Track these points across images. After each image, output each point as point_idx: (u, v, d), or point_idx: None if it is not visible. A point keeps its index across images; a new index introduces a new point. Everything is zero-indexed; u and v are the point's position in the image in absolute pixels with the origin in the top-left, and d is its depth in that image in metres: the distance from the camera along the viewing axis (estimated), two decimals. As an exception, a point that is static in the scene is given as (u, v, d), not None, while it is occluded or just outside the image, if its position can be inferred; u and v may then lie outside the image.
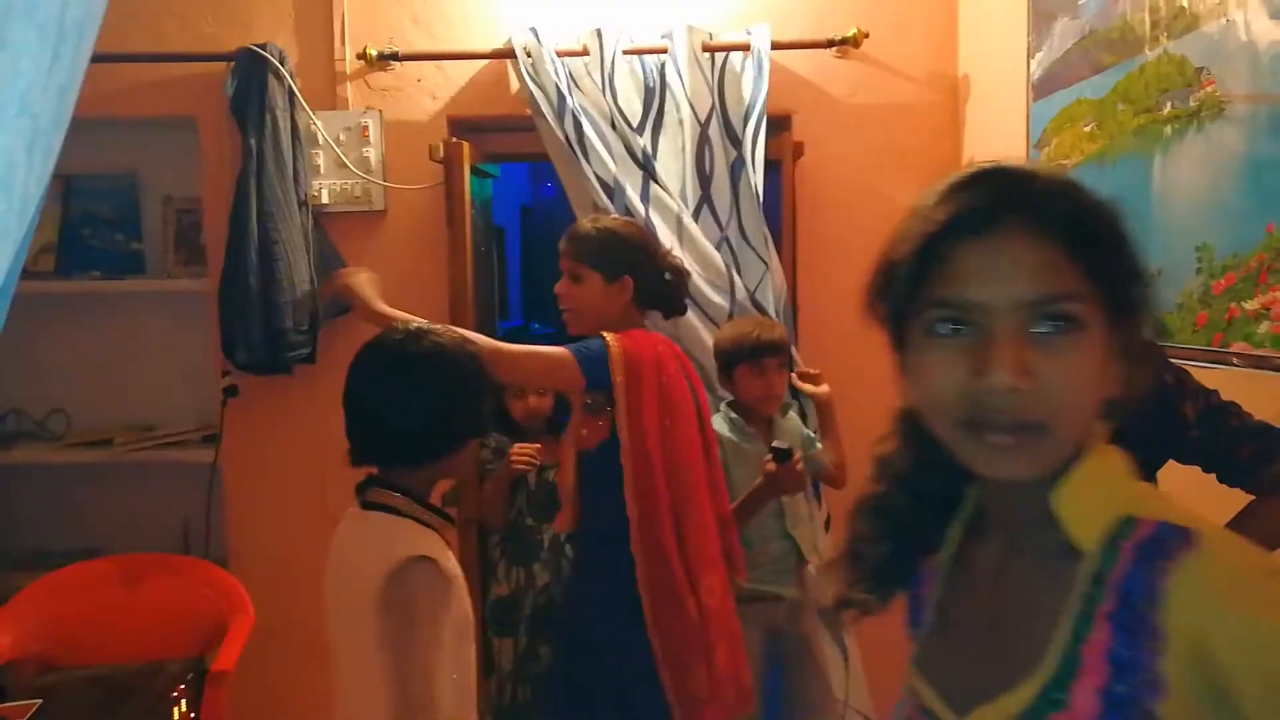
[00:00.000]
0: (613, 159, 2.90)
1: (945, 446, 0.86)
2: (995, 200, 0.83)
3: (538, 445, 2.81)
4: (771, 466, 2.45)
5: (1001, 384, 0.79)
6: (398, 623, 1.57)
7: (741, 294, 2.90)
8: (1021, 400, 0.79)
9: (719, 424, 2.65)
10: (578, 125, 2.89)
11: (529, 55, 2.94)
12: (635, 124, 2.97)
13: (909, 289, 0.88)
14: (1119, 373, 0.83)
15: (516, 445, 2.81)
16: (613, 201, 2.88)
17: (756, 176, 2.93)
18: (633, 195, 2.89)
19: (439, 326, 1.81)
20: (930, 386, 0.86)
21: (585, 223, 2.39)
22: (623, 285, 2.32)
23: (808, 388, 2.75)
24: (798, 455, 2.48)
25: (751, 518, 2.53)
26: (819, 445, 2.77)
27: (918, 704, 0.94)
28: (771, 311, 2.91)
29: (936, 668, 0.94)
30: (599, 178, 2.89)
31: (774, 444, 2.49)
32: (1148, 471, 1.65)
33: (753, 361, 2.60)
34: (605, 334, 2.25)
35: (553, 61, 2.92)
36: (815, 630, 2.68)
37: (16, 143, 0.48)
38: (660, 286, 2.40)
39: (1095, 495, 0.84)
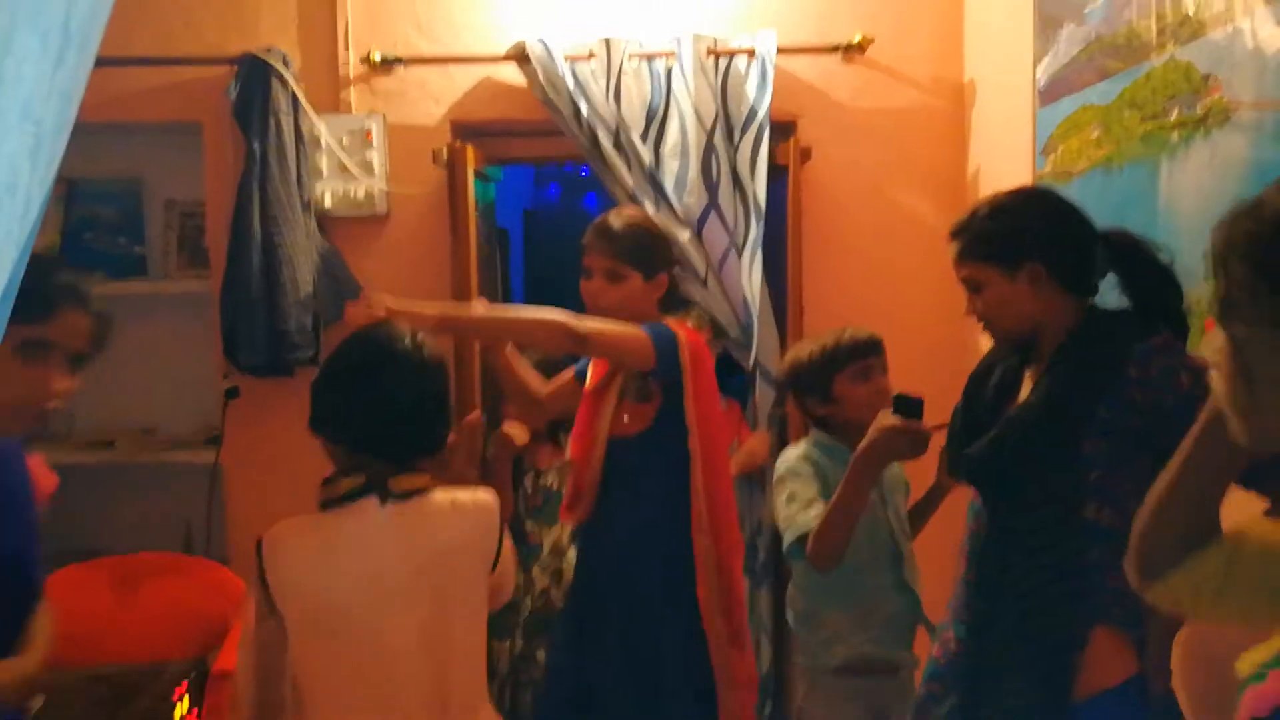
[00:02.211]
0: (628, 170, 2.92)
1: None
2: None
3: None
4: (891, 419, 1.92)
5: None
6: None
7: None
8: None
9: (807, 459, 2.22)
10: (593, 133, 2.90)
11: (538, 62, 2.94)
12: (640, 132, 2.98)
13: None
14: None
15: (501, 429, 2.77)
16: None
17: (755, 184, 2.93)
18: (649, 208, 2.91)
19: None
20: None
21: (613, 218, 2.32)
22: (658, 283, 2.31)
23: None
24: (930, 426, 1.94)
25: (859, 504, 2.00)
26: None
27: None
28: (744, 316, 2.96)
29: None
30: (620, 185, 2.91)
31: (899, 393, 1.97)
32: None
33: (857, 364, 2.21)
34: (668, 322, 2.26)
35: (564, 69, 2.93)
36: None
37: (20, 147, 0.48)
38: (674, 281, 2.42)
39: None
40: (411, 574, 1.67)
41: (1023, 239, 1.68)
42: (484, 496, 1.78)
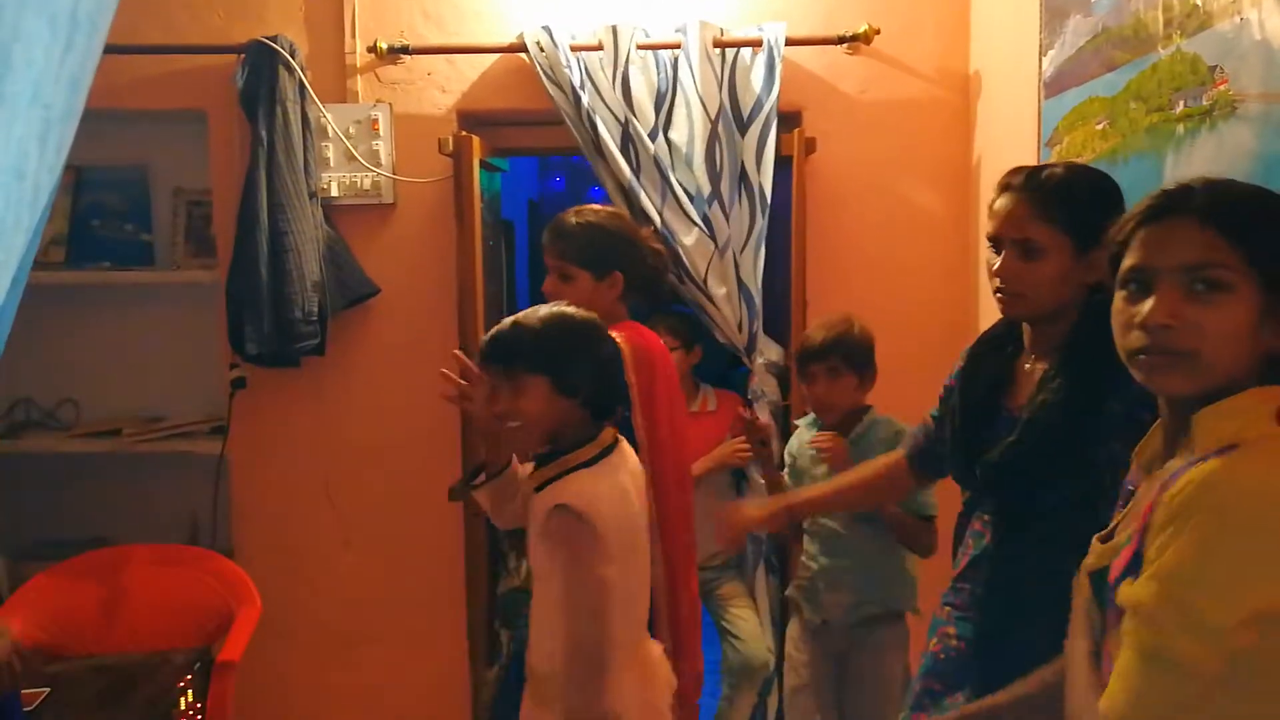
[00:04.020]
0: (628, 162, 2.91)
1: None
2: (1169, 199, 1.17)
3: None
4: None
5: (1154, 320, 1.12)
6: None
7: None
8: (1171, 334, 1.11)
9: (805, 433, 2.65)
10: (594, 126, 2.90)
11: (543, 51, 2.94)
12: (648, 125, 2.97)
13: (1114, 261, 1.22)
14: (1272, 330, 1.10)
15: None
16: (629, 204, 2.89)
17: (760, 175, 2.93)
18: (648, 202, 2.89)
19: None
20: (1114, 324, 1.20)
21: (569, 217, 2.34)
22: (612, 281, 2.30)
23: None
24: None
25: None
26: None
27: None
28: (744, 310, 2.97)
29: None
30: (615, 179, 2.90)
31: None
32: None
33: (800, 369, 2.58)
34: (613, 334, 2.19)
35: (568, 59, 2.92)
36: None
37: (29, 132, 0.48)
38: (646, 274, 2.38)
39: (1224, 422, 1.10)
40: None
41: (1108, 224, 1.64)
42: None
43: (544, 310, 1.91)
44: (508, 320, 1.89)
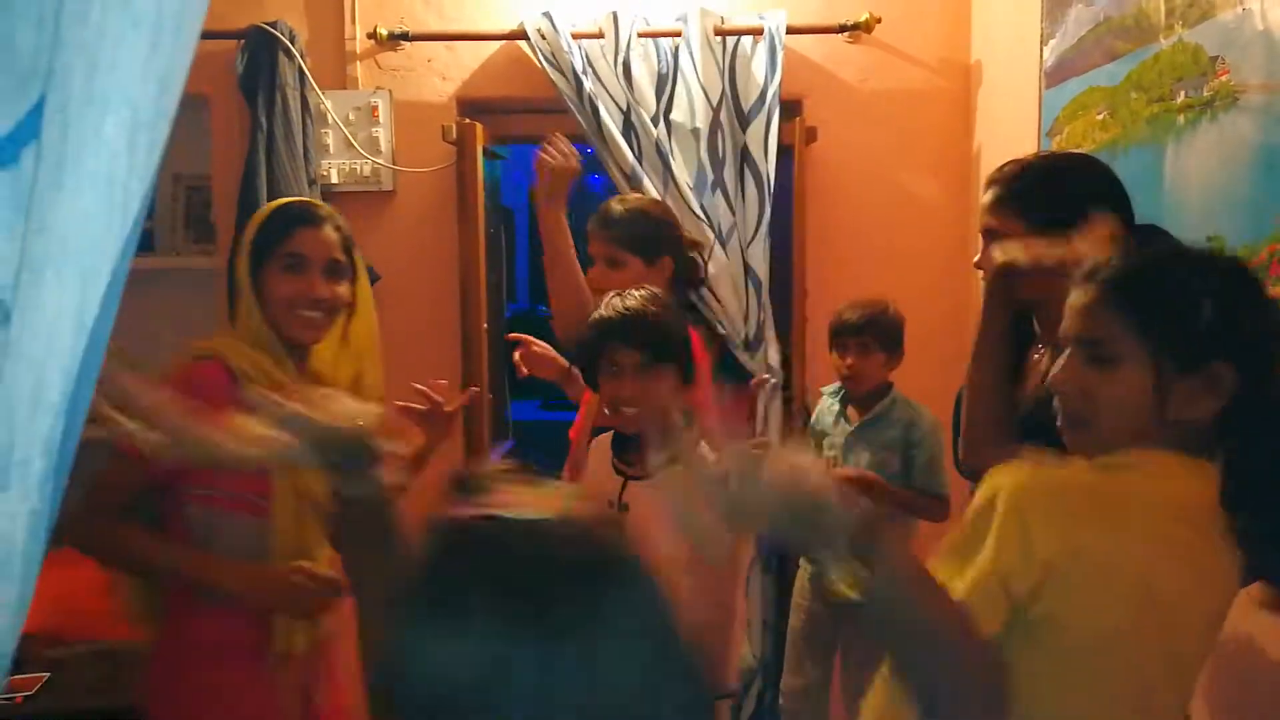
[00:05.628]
0: (630, 149, 2.91)
1: None
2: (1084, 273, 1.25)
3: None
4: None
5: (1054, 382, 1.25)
6: None
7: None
8: (1069, 399, 1.24)
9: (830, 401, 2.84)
10: (596, 111, 2.90)
11: (544, 38, 2.94)
12: (650, 111, 2.97)
13: None
14: (1166, 400, 1.15)
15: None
16: (632, 191, 2.89)
17: (768, 164, 2.94)
18: (651, 188, 2.90)
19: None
20: None
21: (614, 205, 2.36)
22: (662, 266, 2.31)
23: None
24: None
25: None
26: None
27: None
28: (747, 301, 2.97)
29: None
30: (619, 166, 2.90)
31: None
32: None
33: (834, 340, 2.75)
34: None
35: (569, 45, 2.92)
36: None
37: (117, 135, 0.49)
38: (686, 261, 2.40)
39: None
40: None
41: (1085, 203, 1.60)
42: None
43: (662, 299, 1.90)
44: (643, 308, 1.84)
